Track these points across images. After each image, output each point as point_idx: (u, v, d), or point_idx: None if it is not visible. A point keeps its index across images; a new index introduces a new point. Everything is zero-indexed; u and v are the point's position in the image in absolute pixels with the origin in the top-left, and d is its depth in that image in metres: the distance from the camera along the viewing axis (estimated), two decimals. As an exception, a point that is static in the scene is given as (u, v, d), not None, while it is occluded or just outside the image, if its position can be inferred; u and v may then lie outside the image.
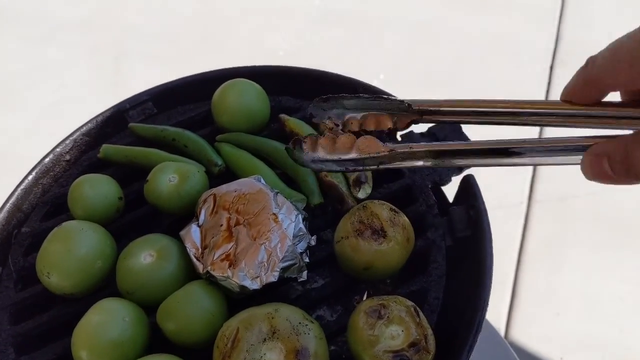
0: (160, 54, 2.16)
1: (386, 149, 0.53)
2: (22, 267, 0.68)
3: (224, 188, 0.65)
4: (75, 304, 0.65)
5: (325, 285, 0.65)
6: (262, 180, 0.65)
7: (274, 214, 0.61)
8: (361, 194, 0.67)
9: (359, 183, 0.67)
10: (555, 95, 1.92)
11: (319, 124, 0.57)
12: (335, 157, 0.56)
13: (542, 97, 1.96)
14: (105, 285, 0.65)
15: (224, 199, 0.64)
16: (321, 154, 0.56)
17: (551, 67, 2.12)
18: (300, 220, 0.61)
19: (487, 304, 0.58)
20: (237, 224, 0.62)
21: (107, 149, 0.75)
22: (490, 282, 0.59)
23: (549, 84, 2.06)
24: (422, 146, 0.51)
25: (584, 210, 1.66)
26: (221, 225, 0.62)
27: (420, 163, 0.52)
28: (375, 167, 0.54)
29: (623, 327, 1.45)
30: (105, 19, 2.41)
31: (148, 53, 2.19)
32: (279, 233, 0.60)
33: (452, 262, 0.64)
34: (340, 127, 0.55)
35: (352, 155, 0.55)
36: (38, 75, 2.22)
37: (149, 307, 0.61)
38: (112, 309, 0.59)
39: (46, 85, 2.18)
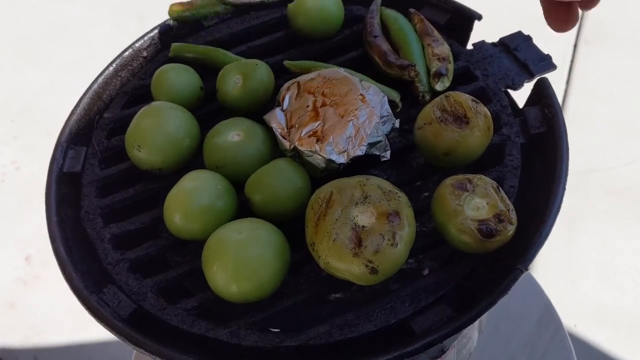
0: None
1: None
2: (106, 148, 0.71)
3: (307, 76, 0.67)
4: (160, 180, 0.67)
5: (395, 178, 0.68)
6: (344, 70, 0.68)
7: (362, 94, 0.63)
8: (439, 86, 0.70)
9: (439, 75, 0.69)
10: (578, 72, 1.94)
11: None
12: None
13: (564, 75, 1.97)
14: (190, 165, 0.67)
15: (308, 85, 0.66)
16: None
17: (575, 45, 2.12)
18: (386, 102, 0.63)
19: (565, 189, 0.61)
20: (324, 104, 0.64)
21: (177, 46, 0.77)
22: (567, 170, 0.62)
23: (572, 61, 2.07)
24: None
25: (603, 184, 1.68)
26: (307, 106, 0.64)
27: None
28: None
29: (637, 298, 1.48)
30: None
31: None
32: (367, 111, 0.62)
33: (526, 156, 0.66)
34: None
35: None
36: (62, 33, 2.23)
37: (234, 183, 0.63)
38: (205, 177, 0.61)
39: (70, 42, 2.19)
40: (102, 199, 0.67)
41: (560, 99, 1.86)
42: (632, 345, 1.42)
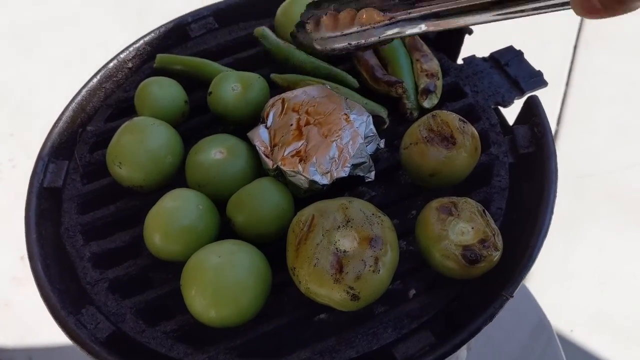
0: (182, 9, 2.13)
1: (386, 17, 0.55)
2: (88, 163, 0.70)
3: (292, 93, 0.66)
4: (142, 197, 0.66)
5: (383, 196, 0.67)
6: (329, 87, 0.66)
7: (346, 114, 0.62)
8: (427, 103, 0.68)
9: (427, 92, 0.68)
10: (578, 74, 1.92)
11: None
12: (338, 32, 0.58)
13: (564, 76, 1.95)
14: (172, 182, 0.66)
15: (293, 102, 0.65)
16: (325, 32, 0.58)
17: (575, 47, 2.10)
18: (371, 122, 0.62)
19: (553, 211, 0.59)
20: (307, 123, 0.62)
21: (162, 58, 0.76)
22: (555, 192, 0.61)
23: (572, 62, 2.05)
24: (419, 10, 0.54)
25: (601, 189, 1.66)
26: (291, 125, 0.63)
27: (422, 27, 0.55)
28: (376, 39, 0.57)
29: (635, 305, 1.46)
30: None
31: (171, 8, 2.18)
32: (351, 131, 0.61)
33: (514, 177, 0.65)
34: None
35: (354, 28, 0.58)
36: (60, 27, 2.21)
37: (217, 202, 0.62)
38: (187, 196, 0.60)
39: (68, 37, 2.17)
40: (83, 216, 0.66)
41: (559, 101, 1.85)
42: (628, 351, 1.41)
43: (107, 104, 0.75)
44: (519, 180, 0.65)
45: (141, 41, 0.78)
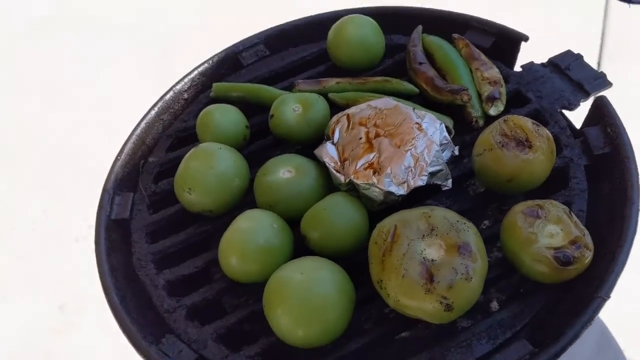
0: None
1: None
2: (153, 193, 0.69)
3: (356, 108, 0.65)
4: (211, 222, 0.65)
5: (452, 207, 0.65)
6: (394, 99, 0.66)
7: (417, 123, 0.61)
8: (493, 111, 0.67)
9: (492, 99, 0.67)
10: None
11: None
12: None
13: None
14: (240, 205, 0.65)
15: (358, 117, 0.64)
16: None
17: (598, 63, 2.09)
18: (444, 129, 0.61)
19: (639, 209, 0.58)
20: (377, 135, 0.62)
21: (219, 86, 0.76)
22: (638, 194, 0.59)
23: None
24: None
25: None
26: (360, 138, 0.62)
27: None
28: None
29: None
30: (149, 19, 2.43)
31: (189, 53, 2.19)
32: (425, 140, 0.60)
33: (591, 179, 0.63)
34: None
35: None
36: (86, 74, 2.23)
37: (288, 221, 0.61)
38: (260, 217, 0.59)
39: (94, 82, 2.20)
40: (153, 245, 0.65)
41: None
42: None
43: (167, 134, 0.75)
44: (597, 181, 0.63)
45: (195, 72, 0.79)
